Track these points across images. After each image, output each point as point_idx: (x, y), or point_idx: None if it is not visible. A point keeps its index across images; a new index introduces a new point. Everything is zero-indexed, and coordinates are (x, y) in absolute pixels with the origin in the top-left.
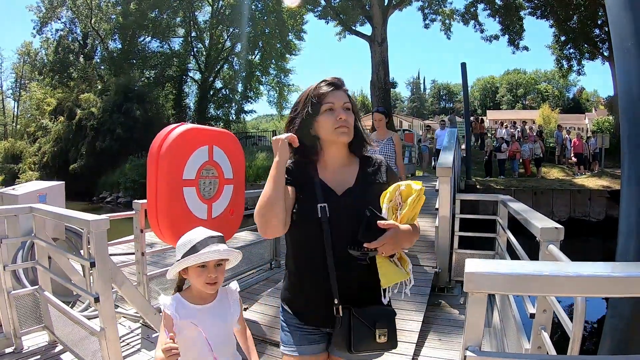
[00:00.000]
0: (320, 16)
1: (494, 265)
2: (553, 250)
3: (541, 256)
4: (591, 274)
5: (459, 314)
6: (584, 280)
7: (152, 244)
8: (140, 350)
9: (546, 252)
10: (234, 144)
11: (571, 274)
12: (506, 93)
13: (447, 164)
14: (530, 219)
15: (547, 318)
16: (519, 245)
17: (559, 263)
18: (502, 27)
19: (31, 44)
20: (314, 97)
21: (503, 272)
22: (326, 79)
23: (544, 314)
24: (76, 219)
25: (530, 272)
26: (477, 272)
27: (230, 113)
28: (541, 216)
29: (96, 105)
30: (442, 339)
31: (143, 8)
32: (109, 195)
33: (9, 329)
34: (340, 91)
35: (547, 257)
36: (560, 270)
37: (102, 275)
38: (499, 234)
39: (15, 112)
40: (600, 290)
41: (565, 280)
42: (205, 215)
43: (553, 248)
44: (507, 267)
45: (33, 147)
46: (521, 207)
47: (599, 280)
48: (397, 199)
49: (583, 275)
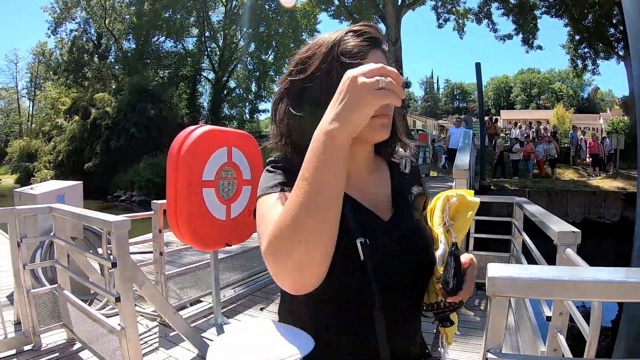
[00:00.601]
0: (333, 16)
1: (516, 270)
2: (570, 254)
3: (558, 260)
4: (610, 279)
5: (474, 316)
6: (602, 286)
7: (168, 243)
8: (158, 348)
9: (563, 255)
10: (253, 145)
11: (590, 279)
12: (520, 93)
13: (463, 165)
14: (548, 223)
15: (563, 321)
16: (535, 248)
17: (579, 268)
18: (516, 27)
19: (46, 44)
20: (343, 55)
21: (525, 276)
22: (358, 27)
23: (560, 316)
24: (97, 220)
25: (551, 277)
26: (500, 277)
27: (244, 112)
28: (558, 219)
29: (111, 105)
30: (457, 341)
31: (157, 8)
32: (124, 194)
33: (28, 327)
34: (380, 52)
35: (564, 260)
36: (579, 275)
37: (123, 275)
38: (514, 236)
39: (30, 111)
40: (619, 295)
41: (585, 285)
42: (224, 216)
43: (570, 252)
44: (529, 272)
45: (48, 145)
46: (538, 210)
47: (617, 286)
48: (446, 218)
49: (602, 280)
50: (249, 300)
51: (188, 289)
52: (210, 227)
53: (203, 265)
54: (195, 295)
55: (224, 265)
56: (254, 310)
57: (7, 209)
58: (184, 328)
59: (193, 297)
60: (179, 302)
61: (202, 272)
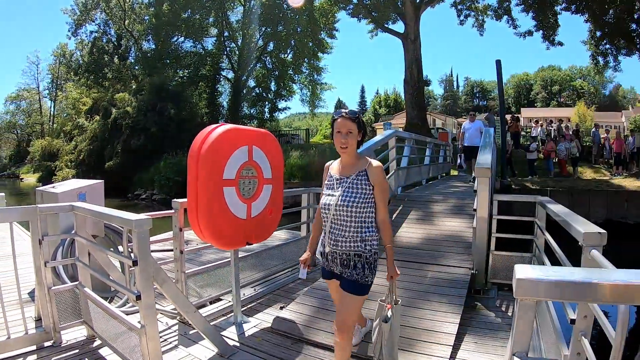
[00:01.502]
0: (352, 14)
1: (543, 272)
2: (596, 255)
3: (583, 261)
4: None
5: (495, 317)
6: (631, 288)
7: (187, 241)
8: (177, 346)
9: (589, 257)
10: (273, 144)
11: (619, 282)
12: (541, 90)
13: (486, 164)
14: (572, 223)
15: (587, 324)
16: (558, 248)
17: (607, 270)
18: (537, 23)
19: (66, 46)
20: None
21: (553, 279)
22: None
23: (584, 319)
24: (119, 218)
25: (579, 279)
26: (527, 279)
27: (264, 112)
28: (583, 220)
29: (131, 105)
30: (478, 342)
31: (176, 9)
32: (144, 193)
33: (49, 323)
34: (346, 120)
35: (590, 262)
36: (608, 277)
37: (144, 274)
38: (537, 235)
39: (51, 111)
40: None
41: (614, 288)
42: (245, 215)
43: (596, 253)
44: (558, 274)
45: (69, 145)
46: (562, 210)
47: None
48: None
49: (631, 283)
50: (268, 299)
51: (208, 287)
52: (230, 225)
53: (223, 263)
54: (215, 293)
55: (244, 263)
56: (273, 309)
57: (30, 207)
58: (204, 326)
59: (213, 295)
60: (198, 300)
61: (222, 270)
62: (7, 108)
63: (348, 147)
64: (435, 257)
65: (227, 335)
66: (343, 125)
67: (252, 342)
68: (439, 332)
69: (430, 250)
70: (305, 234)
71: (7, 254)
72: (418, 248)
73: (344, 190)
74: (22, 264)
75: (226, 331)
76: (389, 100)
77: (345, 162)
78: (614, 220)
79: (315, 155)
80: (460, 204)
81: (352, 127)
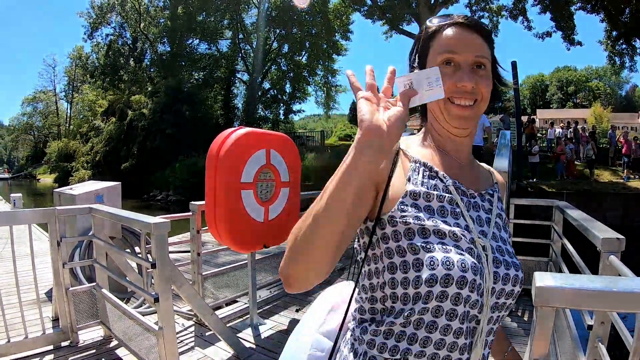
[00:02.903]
0: (366, 16)
1: (564, 280)
2: (614, 262)
3: (602, 267)
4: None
5: (511, 322)
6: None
7: (204, 242)
8: (194, 348)
9: (607, 262)
10: (290, 147)
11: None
12: (556, 91)
13: (503, 167)
14: (591, 229)
15: (604, 330)
16: (576, 253)
17: (627, 279)
18: (555, 23)
19: (82, 48)
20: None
21: (574, 286)
22: None
23: (602, 325)
24: (137, 221)
25: (599, 287)
26: (547, 287)
27: (279, 113)
28: (602, 225)
29: (147, 107)
30: None
31: (190, 11)
32: (160, 194)
33: (66, 324)
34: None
35: (608, 267)
36: (629, 286)
37: (162, 277)
38: (554, 240)
39: (68, 113)
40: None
41: (633, 297)
42: (262, 218)
43: (614, 259)
44: (578, 282)
45: (86, 146)
46: (580, 215)
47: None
48: None
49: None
50: (284, 302)
51: (224, 289)
52: (248, 228)
53: (239, 265)
54: (231, 295)
55: (260, 265)
56: (289, 312)
57: (49, 209)
58: (221, 328)
59: (229, 297)
60: (215, 302)
61: (239, 272)
62: (24, 110)
63: (477, 107)
64: None
65: (243, 337)
66: (465, 46)
67: (269, 344)
68: None
69: None
70: None
71: (24, 254)
72: None
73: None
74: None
75: (242, 333)
76: None
77: (462, 153)
78: (630, 223)
79: (330, 157)
80: None
81: (486, 52)
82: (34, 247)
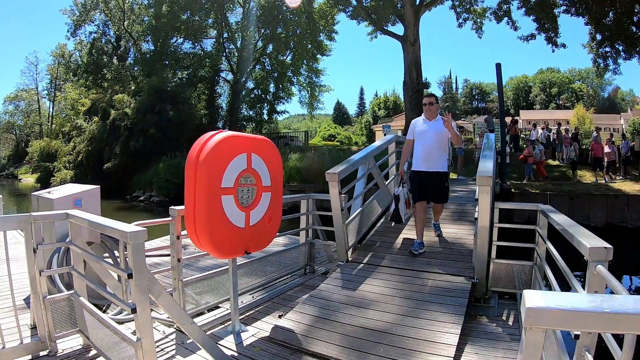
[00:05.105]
0: (351, 16)
1: (553, 300)
2: (602, 271)
3: (589, 276)
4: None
5: (496, 327)
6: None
7: (185, 245)
8: (174, 356)
9: (594, 272)
10: (272, 150)
11: (631, 312)
12: (540, 92)
13: (487, 172)
14: (577, 236)
15: (592, 339)
16: (560, 258)
17: (617, 298)
18: (538, 26)
19: (65, 46)
20: None
21: (563, 308)
22: None
23: (589, 335)
24: (113, 229)
25: (590, 308)
26: (537, 308)
27: (262, 113)
28: (588, 233)
29: (130, 106)
30: (479, 353)
31: (175, 10)
32: (142, 194)
33: (44, 332)
34: None
35: (595, 277)
36: (619, 306)
37: (140, 287)
38: (538, 244)
39: (50, 112)
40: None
41: (625, 318)
42: (243, 224)
43: (601, 269)
44: (567, 303)
45: (68, 146)
46: (565, 221)
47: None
48: None
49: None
50: (267, 307)
51: (205, 295)
52: (229, 234)
53: (221, 271)
54: (212, 301)
55: (242, 270)
56: (272, 318)
57: (24, 215)
58: (201, 337)
59: (211, 303)
60: (196, 308)
61: (220, 277)
62: (6, 108)
63: None
64: (434, 265)
65: (225, 345)
66: None
67: (250, 352)
68: (439, 342)
69: (430, 257)
70: (304, 241)
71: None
72: (417, 255)
73: None
74: (18, 269)
75: (224, 340)
76: (388, 102)
77: None
78: (613, 224)
79: (314, 158)
80: (460, 210)
81: None
82: (15, 251)
